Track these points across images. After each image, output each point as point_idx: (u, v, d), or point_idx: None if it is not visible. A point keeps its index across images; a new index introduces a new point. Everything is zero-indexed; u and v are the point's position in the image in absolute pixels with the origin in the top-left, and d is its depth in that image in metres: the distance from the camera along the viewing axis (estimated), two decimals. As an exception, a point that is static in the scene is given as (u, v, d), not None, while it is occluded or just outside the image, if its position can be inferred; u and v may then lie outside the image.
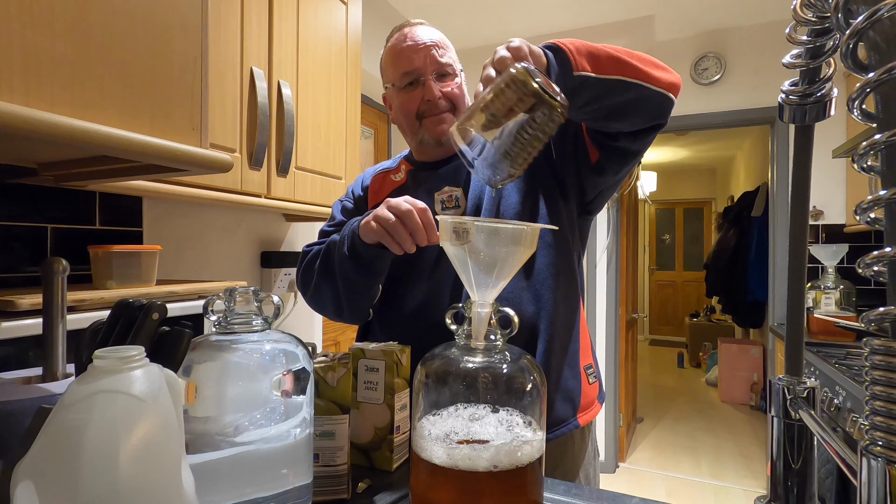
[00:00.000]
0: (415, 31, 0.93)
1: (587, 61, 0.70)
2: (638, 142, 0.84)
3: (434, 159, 0.98)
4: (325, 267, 0.88)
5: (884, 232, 0.29)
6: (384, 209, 0.76)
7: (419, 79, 0.91)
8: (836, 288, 2.37)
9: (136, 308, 0.50)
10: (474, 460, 0.50)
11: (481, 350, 0.55)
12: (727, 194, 5.99)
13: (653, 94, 0.76)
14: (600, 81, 0.71)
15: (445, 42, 0.95)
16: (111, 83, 0.60)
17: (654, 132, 0.83)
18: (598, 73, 0.71)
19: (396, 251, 0.77)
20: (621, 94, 0.74)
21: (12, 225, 0.98)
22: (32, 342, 0.76)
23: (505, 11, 2.63)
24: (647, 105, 0.77)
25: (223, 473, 0.49)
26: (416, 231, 0.74)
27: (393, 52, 0.94)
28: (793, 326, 0.49)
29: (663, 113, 0.80)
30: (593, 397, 0.92)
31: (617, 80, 0.72)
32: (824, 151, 2.53)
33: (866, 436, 0.30)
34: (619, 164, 0.87)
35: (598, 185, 0.92)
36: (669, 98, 0.78)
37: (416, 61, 0.91)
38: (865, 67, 0.30)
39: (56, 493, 0.33)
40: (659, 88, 0.76)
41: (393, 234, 0.75)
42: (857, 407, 1.45)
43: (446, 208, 0.93)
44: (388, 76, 0.97)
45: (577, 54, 0.70)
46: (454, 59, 0.95)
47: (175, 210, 1.30)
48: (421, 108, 0.92)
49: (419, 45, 0.91)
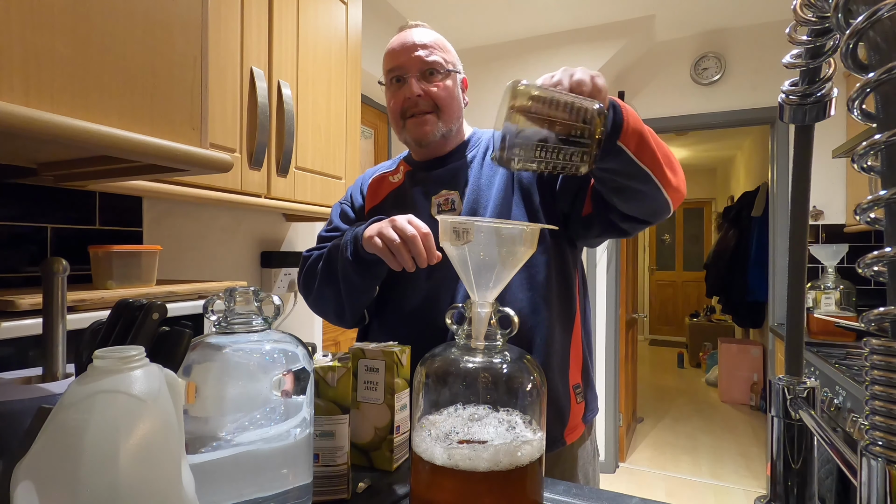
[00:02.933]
0: (408, 32, 0.95)
1: (633, 140, 0.73)
2: (626, 223, 0.86)
3: (431, 158, 0.98)
4: (327, 271, 0.89)
5: (884, 232, 0.29)
6: (390, 229, 0.77)
7: (403, 76, 0.92)
8: (836, 288, 2.37)
9: (136, 308, 0.50)
10: (474, 460, 0.50)
11: (481, 350, 0.55)
12: (727, 194, 5.99)
13: (662, 197, 0.80)
14: (632, 162, 0.74)
15: (439, 43, 0.95)
16: (111, 83, 0.60)
17: (643, 225, 0.87)
18: (634, 154, 0.73)
19: (395, 268, 0.79)
20: (639, 183, 0.77)
21: (12, 225, 0.98)
22: (32, 342, 0.76)
23: (505, 11, 2.63)
24: (651, 202, 0.80)
25: (223, 473, 0.49)
26: (419, 256, 0.76)
27: (387, 50, 0.96)
28: (793, 326, 0.49)
29: (659, 215, 0.84)
30: (580, 417, 0.92)
31: (644, 171, 0.75)
32: (824, 151, 2.54)
33: (866, 436, 0.30)
34: (604, 229, 0.89)
35: (579, 233, 0.93)
36: (670, 208, 0.83)
37: (400, 59, 0.92)
38: (865, 67, 0.30)
39: (56, 493, 0.33)
40: (668, 196, 0.80)
41: (396, 255, 0.77)
42: (857, 407, 1.45)
43: (442, 211, 0.93)
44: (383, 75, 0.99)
45: (631, 128, 0.72)
46: (446, 60, 0.94)
47: (175, 210, 1.30)
48: (404, 107, 0.93)
49: (406, 45, 0.92)
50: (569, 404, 0.90)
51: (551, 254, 0.90)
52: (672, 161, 0.80)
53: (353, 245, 0.83)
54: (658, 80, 2.94)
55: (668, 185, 0.79)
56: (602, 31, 2.76)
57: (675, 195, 0.82)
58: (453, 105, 0.94)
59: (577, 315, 0.95)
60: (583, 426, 0.93)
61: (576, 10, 2.62)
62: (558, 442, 0.88)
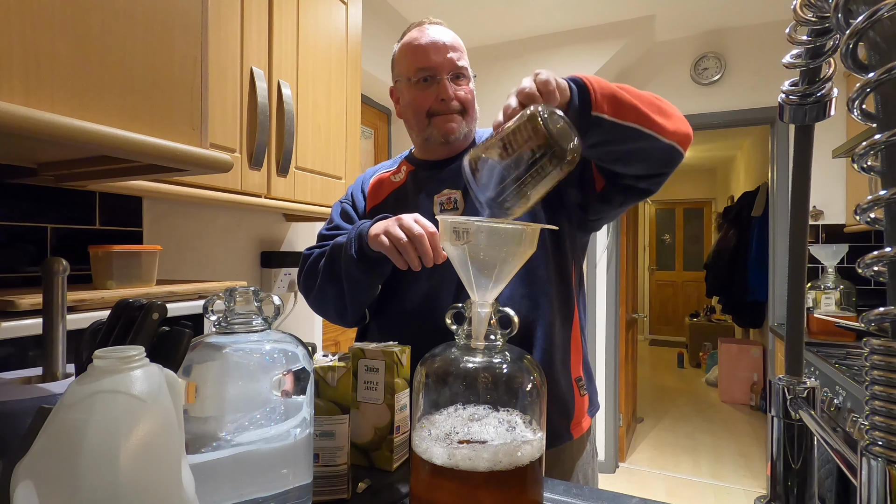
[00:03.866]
0: (435, 30, 0.94)
1: (607, 103, 0.70)
2: (643, 182, 0.83)
3: (436, 158, 0.98)
4: (329, 269, 0.89)
5: (884, 232, 0.29)
6: (396, 227, 0.76)
7: (435, 77, 0.92)
8: (836, 288, 2.37)
9: (136, 308, 0.50)
10: (474, 460, 0.50)
11: (481, 350, 0.55)
12: (727, 194, 5.99)
13: (663, 145, 0.76)
14: (615, 126, 0.71)
15: (462, 46, 0.96)
16: (111, 83, 0.60)
17: (663, 178, 0.83)
18: (614, 117, 0.71)
19: (402, 267, 0.78)
20: (633, 142, 0.74)
21: (12, 225, 0.98)
22: (32, 342, 0.76)
23: (505, 11, 2.63)
24: (655, 155, 0.77)
25: (223, 473, 0.49)
26: (425, 255, 0.75)
27: (410, 46, 0.94)
28: (793, 326, 0.49)
29: (671, 163, 0.80)
30: (584, 410, 0.92)
31: (631, 128, 0.72)
32: (824, 151, 2.53)
33: (866, 436, 0.30)
34: (625, 195, 0.87)
35: (601, 211, 0.92)
36: (679, 151, 0.79)
37: (434, 59, 0.92)
38: (865, 67, 0.30)
39: (56, 493, 0.33)
40: (670, 141, 0.76)
41: (402, 254, 0.76)
42: (857, 407, 1.45)
43: (445, 210, 0.93)
44: (400, 70, 0.96)
45: (599, 94, 0.70)
46: (468, 64, 0.96)
47: (175, 210, 1.30)
48: (433, 107, 0.93)
49: (438, 45, 0.92)
50: (573, 398, 0.89)
51: (549, 248, 0.90)
52: (662, 107, 0.77)
53: (358, 242, 0.83)
54: (658, 80, 2.94)
55: (664, 132, 0.75)
56: (602, 31, 2.76)
57: (678, 137, 0.77)
58: (475, 109, 0.98)
59: (575, 308, 0.95)
60: (588, 419, 0.93)
61: (576, 10, 2.62)
62: (564, 437, 0.87)
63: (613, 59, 2.77)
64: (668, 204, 7.25)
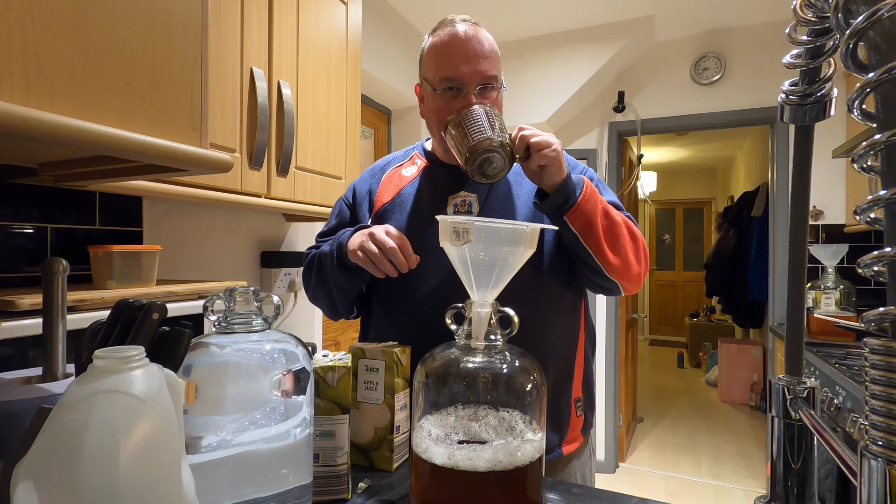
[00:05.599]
0: (468, 34, 0.86)
1: (580, 223, 0.81)
2: (592, 286, 0.92)
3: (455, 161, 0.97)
4: (318, 275, 0.95)
5: (884, 232, 0.29)
6: (370, 243, 0.82)
7: (461, 89, 0.86)
8: (836, 288, 2.36)
9: (136, 308, 0.50)
10: (474, 460, 0.50)
11: (481, 350, 0.55)
12: (727, 194, 5.99)
13: (607, 280, 0.86)
14: (576, 237, 0.82)
15: (496, 51, 0.89)
16: (111, 83, 0.60)
17: (607, 293, 0.93)
18: (578, 232, 0.82)
19: (379, 276, 0.84)
20: (585, 259, 0.85)
21: (12, 225, 0.98)
22: (32, 342, 0.76)
23: (505, 11, 2.63)
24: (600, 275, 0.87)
25: (223, 473, 0.49)
26: (400, 265, 0.81)
27: (441, 50, 0.87)
28: (793, 326, 0.49)
29: (609, 292, 0.91)
30: (579, 429, 0.94)
31: (585, 249, 0.83)
32: (824, 151, 2.53)
33: (866, 436, 0.30)
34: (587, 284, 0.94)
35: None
36: (618, 288, 0.89)
37: (462, 70, 0.85)
38: (865, 67, 0.30)
39: (56, 493, 0.33)
40: (615, 280, 0.86)
41: (378, 265, 0.82)
42: (857, 407, 1.45)
43: (458, 212, 0.92)
44: (427, 73, 0.91)
45: (580, 209, 0.81)
46: (499, 70, 0.90)
47: (175, 210, 1.30)
48: None
49: (469, 54, 0.85)
50: (569, 417, 0.91)
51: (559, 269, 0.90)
52: (621, 244, 0.85)
53: (339, 253, 0.88)
54: (658, 80, 2.94)
55: (615, 272, 0.85)
56: (602, 31, 2.76)
57: (620, 276, 0.86)
58: None
59: (581, 331, 0.96)
60: (581, 438, 0.94)
61: (576, 10, 2.62)
62: (555, 452, 0.89)
63: (613, 59, 2.77)
64: (668, 204, 7.25)
